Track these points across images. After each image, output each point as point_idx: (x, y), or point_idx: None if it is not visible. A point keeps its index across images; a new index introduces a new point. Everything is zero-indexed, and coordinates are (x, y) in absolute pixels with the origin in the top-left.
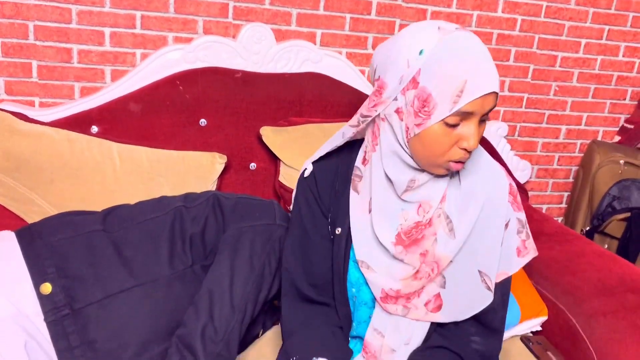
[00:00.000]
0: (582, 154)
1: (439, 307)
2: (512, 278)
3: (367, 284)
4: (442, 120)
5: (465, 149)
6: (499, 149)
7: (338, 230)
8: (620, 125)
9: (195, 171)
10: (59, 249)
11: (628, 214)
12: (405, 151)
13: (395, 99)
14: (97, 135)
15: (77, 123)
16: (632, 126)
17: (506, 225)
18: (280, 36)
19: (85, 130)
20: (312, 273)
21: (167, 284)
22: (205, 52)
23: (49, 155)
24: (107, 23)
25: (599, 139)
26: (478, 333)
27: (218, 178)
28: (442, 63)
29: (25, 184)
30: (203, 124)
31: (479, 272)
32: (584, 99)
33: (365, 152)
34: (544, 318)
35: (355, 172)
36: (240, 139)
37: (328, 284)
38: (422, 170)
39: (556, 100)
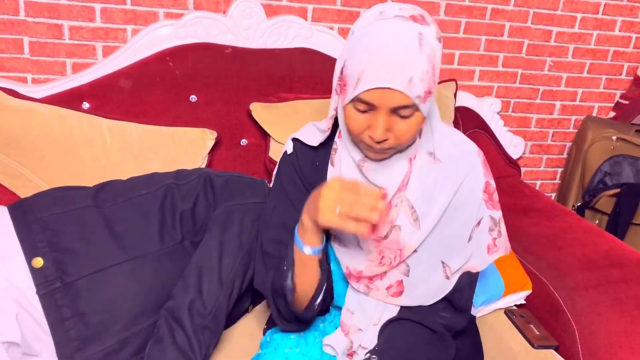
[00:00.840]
0: (576, 130)
1: (399, 293)
2: None
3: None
4: (350, 102)
5: (371, 138)
6: (492, 125)
7: None
8: (616, 101)
9: (185, 147)
10: (50, 224)
11: (618, 190)
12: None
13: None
14: (88, 111)
15: (69, 99)
16: (627, 102)
17: (478, 222)
18: (271, 11)
19: (77, 107)
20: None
21: (157, 259)
22: (195, 27)
23: (40, 132)
24: None
25: (594, 114)
26: (446, 310)
27: (209, 154)
28: (356, 48)
29: (16, 159)
30: (193, 100)
31: (442, 262)
32: (579, 74)
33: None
34: (528, 292)
35: (334, 145)
36: (230, 115)
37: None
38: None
39: (551, 75)
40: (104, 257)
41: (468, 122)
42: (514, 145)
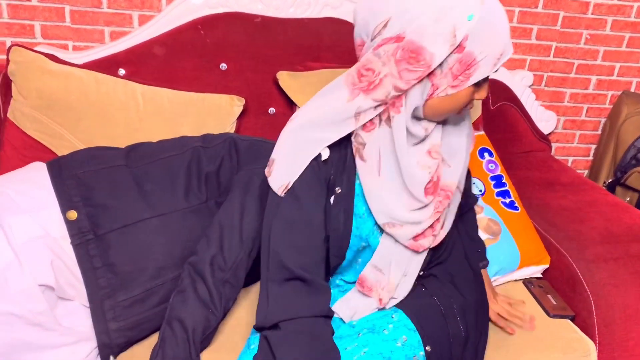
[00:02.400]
0: (612, 106)
1: (443, 224)
2: (516, 224)
3: (378, 231)
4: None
5: (474, 99)
6: (522, 99)
7: (338, 190)
8: None
9: (214, 113)
10: (84, 180)
11: None
12: (422, 106)
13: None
14: (123, 77)
15: (106, 66)
16: None
17: None
18: None
19: (113, 73)
20: (306, 255)
21: (183, 216)
22: None
23: (77, 95)
24: None
25: (632, 90)
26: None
27: (238, 121)
28: (490, 28)
29: (56, 120)
30: (223, 68)
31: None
32: (617, 48)
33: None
34: (545, 266)
35: (357, 139)
36: (259, 83)
37: (320, 262)
38: (428, 120)
39: (587, 49)
40: (133, 212)
41: (497, 94)
42: (545, 120)
